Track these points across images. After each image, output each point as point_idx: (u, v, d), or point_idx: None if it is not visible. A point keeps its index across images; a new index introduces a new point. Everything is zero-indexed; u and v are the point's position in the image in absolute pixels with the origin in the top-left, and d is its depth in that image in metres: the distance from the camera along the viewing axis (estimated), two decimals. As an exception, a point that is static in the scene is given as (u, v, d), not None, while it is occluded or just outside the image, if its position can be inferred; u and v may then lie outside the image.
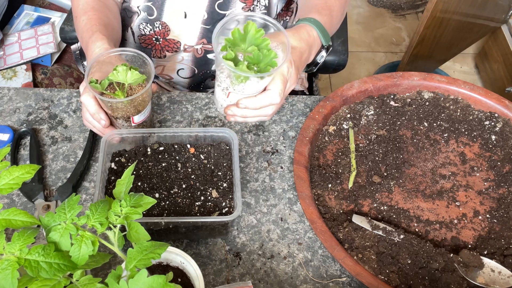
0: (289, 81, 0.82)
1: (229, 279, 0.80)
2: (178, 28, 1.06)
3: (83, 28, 0.95)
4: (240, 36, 0.75)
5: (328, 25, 0.90)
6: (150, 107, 0.88)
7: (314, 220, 0.81)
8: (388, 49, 2.45)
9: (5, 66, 1.41)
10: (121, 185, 0.65)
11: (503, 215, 0.86)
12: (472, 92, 1.00)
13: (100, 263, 0.61)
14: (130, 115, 0.84)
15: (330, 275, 0.81)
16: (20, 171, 0.60)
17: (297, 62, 0.83)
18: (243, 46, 0.76)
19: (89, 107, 0.82)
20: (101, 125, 0.84)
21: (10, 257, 0.55)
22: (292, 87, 0.84)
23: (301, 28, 0.87)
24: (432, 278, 0.78)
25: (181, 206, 0.80)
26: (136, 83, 0.82)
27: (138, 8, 1.06)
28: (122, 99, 0.80)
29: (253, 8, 1.05)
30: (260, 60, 0.74)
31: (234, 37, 0.75)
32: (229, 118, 0.86)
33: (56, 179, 0.90)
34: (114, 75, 0.79)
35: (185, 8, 1.04)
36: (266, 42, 0.74)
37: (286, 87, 0.81)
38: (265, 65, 0.74)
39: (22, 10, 1.59)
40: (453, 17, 1.77)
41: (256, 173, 0.92)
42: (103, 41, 0.89)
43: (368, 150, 0.94)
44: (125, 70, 0.79)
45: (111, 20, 1.01)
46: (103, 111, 0.83)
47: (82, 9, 0.98)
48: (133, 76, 0.80)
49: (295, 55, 0.83)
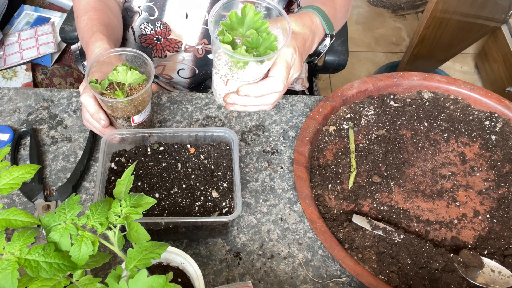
0: (293, 68, 0.78)
1: (229, 279, 0.80)
2: (179, 28, 1.06)
3: (83, 28, 0.95)
4: (238, 19, 0.71)
5: (332, 16, 0.87)
6: (150, 107, 0.88)
7: (314, 220, 0.81)
8: (388, 49, 2.45)
9: (5, 66, 1.41)
10: (121, 185, 0.65)
11: (503, 215, 0.86)
12: (472, 92, 1.00)
13: (100, 263, 0.61)
14: (130, 115, 0.84)
15: (330, 275, 0.81)
16: (20, 171, 0.60)
17: (301, 48, 0.80)
18: (241, 30, 0.72)
19: (88, 107, 0.82)
20: (101, 125, 0.84)
21: (10, 257, 0.55)
22: (296, 74, 0.80)
23: (304, 15, 0.84)
24: (432, 278, 0.78)
25: (181, 206, 0.80)
26: (136, 83, 0.82)
27: (139, 8, 1.06)
28: (122, 99, 0.80)
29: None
30: (259, 44, 0.71)
31: (232, 21, 0.72)
32: (228, 107, 0.82)
33: (56, 179, 0.90)
34: (114, 75, 0.79)
35: (187, 8, 1.04)
36: (266, 25, 0.71)
37: (289, 74, 0.78)
38: (264, 49, 0.71)
39: (22, 10, 1.59)
40: (453, 17, 1.77)
41: (256, 173, 0.92)
42: (103, 41, 0.89)
43: (368, 150, 0.94)
44: (125, 70, 0.79)
45: (112, 20, 1.01)
46: (103, 111, 0.83)
47: (83, 9, 0.98)
48: (133, 76, 0.80)
49: (299, 41, 0.79)
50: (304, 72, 1.24)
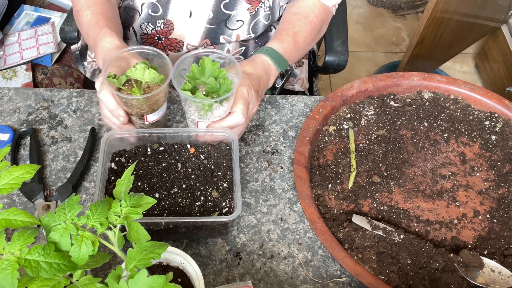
0: (251, 103, 0.87)
1: (229, 279, 0.80)
2: (182, 26, 1.06)
3: (88, 23, 0.95)
4: (199, 70, 0.83)
5: (289, 50, 0.98)
6: (166, 108, 0.88)
7: (314, 220, 0.81)
8: (388, 49, 2.45)
9: (5, 66, 1.41)
10: (121, 185, 0.65)
11: (503, 215, 0.86)
12: (472, 92, 1.00)
13: (100, 263, 0.61)
14: (144, 113, 0.84)
15: (330, 275, 0.81)
16: (20, 171, 0.60)
17: (256, 85, 0.89)
18: (203, 79, 0.84)
19: (108, 103, 0.82)
20: (120, 121, 0.84)
21: (10, 257, 0.55)
22: (255, 108, 0.89)
23: (256, 57, 0.95)
24: (432, 278, 0.78)
25: (181, 206, 0.80)
26: (153, 82, 0.82)
27: (142, 6, 1.05)
28: (137, 96, 0.79)
29: (257, 10, 1.06)
30: (218, 88, 0.82)
31: (194, 72, 0.83)
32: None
33: (56, 179, 0.90)
34: (132, 72, 0.80)
35: (191, 6, 1.04)
36: (223, 72, 0.82)
37: (248, 108, 0.86)
38: (223, 92, 0.82)
39: (22, 10, 1.59)
40: (453, 17, 1.77)
41: (256, 173, 0.92)
42: (113, 36, 0.90)
43: (368, 150, 0.94)
44: (144, 68, 0.79)
45: (114, 14, 1.01)
46: (122, 108, 0.83)
47: (85, 3, 0.97)
48: (151, 74, 0.80)
49: (253, 80, 0.89)
50: (304, 72, 1.24)
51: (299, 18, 1.02)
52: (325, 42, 1.27)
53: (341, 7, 1.22)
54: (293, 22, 1.02)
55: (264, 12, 1.07)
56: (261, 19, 1.08)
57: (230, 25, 1.07)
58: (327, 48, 1.25)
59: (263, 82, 0.93)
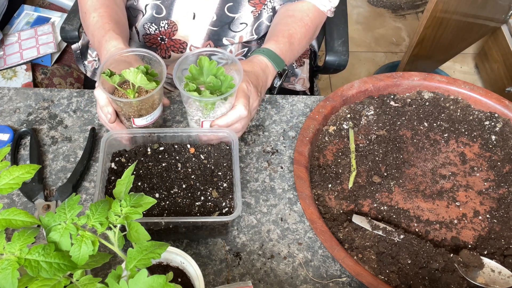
0: (251, 97, 0.88)
1: (229, 279, 0.80)
2: (185, 28, 1.06)
3: (94, 25, 0.95)
4: (197, 70, 0.83)
5: (285, 51, 0.99)
6: (159, 114, 0.89)
7: (314, 220, 0.81)
8: (388, 49, 2.45)
9: (5, 66, 1.41)
10: (121, 185, 0.65)
11: (503, 215, 0.86)
12: (472, 92, 1.00)
13: (100, 263, 0.61)
14: (132, 117, 0.84)
15: (330, 275, 0.81)
16: (20, 171, 0.60)
17: (255, 82, 0.90)
18: (203, 79, 0.84)
19: (99, 99, 0.84)
20: (107, 119, 0.85)
21: (10, 257, 0.55)
22: (256, 103, 0.90)
23: (253, 58, 0.96)
24: (432, 278, 0.78)
25: (181, 206, 0.80)
26: (147, 88, 0.82)
27: (146, 7, 1.05)
28: (121, 99, 0.81)
29: (261, 12, 1.06)
30: (219, 85, 0.82)
31: (192, 73, 0.83)
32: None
33: (56, 179, 0.90)
34: (126, 73, 0.80)
35: (195, 8, 1.04)
36: (221, 70, 0.83)
37: (249, 101, 0.87)
38: (225, 89, 0.82)
39: (22, 10, 1.59)
40: (453, 17, 1.77)
41: (256, 173, 0.92)
42: (118, 40, 0.90)
43: (368, 150, 0.94)
44: (136, 72, 0.79)
45: (121, 17, 1.01)
46: (112, 106, 0.84)
47: (92, 5, 0.97)
48: (142, 80, 0.80)
49: (252, 77, 0.90)
50: (305, 72, 1.25)
51: (294, 21, 1.03)
52: (325, 42, 1.27)
53: (341, 7, 1.22)
54: (288, 24, 1.03)
55: (267, 13, 1.07)
56: (264, 20, 1.09)
57: (233, 28, 1.07)
58: (327, 48, 1.25)
59: (262, 80, 0.93)
